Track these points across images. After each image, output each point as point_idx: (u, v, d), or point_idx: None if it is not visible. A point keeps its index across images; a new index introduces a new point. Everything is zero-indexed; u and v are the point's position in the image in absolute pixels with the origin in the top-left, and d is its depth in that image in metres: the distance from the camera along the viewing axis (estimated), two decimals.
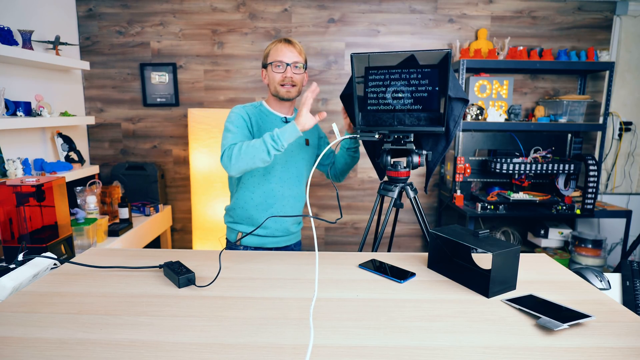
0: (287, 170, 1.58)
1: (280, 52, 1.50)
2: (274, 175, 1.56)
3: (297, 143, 1.60)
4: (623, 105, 3.00)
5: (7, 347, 0.74)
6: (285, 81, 1.51)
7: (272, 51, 1.53)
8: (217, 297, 0.95)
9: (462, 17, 2.85)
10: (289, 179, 1.59)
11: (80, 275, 1.07)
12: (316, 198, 3.03)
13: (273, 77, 1.52)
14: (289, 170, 1.59)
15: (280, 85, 1.52)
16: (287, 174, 1.58)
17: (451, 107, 1.43)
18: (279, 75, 1.51)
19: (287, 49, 1.51)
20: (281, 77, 1.51)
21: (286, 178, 1.58)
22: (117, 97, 2.91)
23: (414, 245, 3.14)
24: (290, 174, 1.59)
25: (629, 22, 2.89)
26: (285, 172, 1.58)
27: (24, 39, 2.10)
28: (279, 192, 1.57)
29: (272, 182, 1.56)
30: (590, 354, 0.73)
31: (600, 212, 2.63)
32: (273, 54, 1.52)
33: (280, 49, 1.51)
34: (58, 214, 1.41)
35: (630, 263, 1.28)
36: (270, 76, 1.54)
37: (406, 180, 1.55)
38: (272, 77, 1.53)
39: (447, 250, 1.14)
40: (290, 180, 1.59)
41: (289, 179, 1.59)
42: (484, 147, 2.76)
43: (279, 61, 1.50)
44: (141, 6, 2.79)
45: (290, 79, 1.51)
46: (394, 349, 0.75)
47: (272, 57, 1.52)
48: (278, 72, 1.51)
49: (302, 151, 1.62)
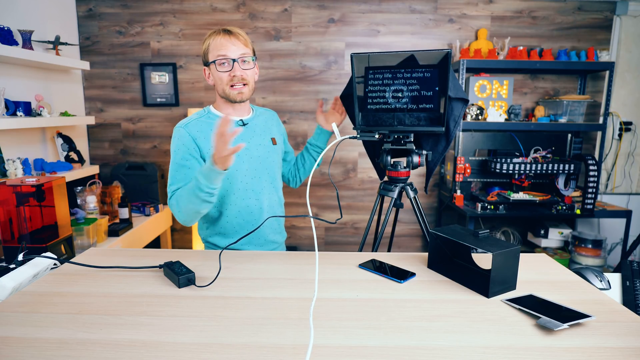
0: (259, 180, 1.39)
1: (222, 46, 1.28)
2: (248, 190, 1.37)
3: (264, 146, 1.41)
4: (623, 105, 3.00)
5: (7, 347, 0.74)
6: (234, 80, 1.29)
7: (211, 46, 1.29)
8: (217, 297, 0.95)
9: (462, 17, 2.85)
10: (262, 190, 1.40)
11: (80, 275, 1.07)
12: (316, 198, 3.03)
13: (219, 77, 1.30)
14: (260, 180, 1.40)
15: (230, 87, 1.31)
16: (260, 185, 1.40)
17: (451, 107, 1.43)
18: (225, 75, 1.29)
19: (228, 41, 1.28)
20: (229, 77, 1.29)
21: (259, 189, 1.39)
22: (117, 97, 2.91)
23: (414, 245, 3.14)
24: (262, 184, 1.40)
25: (629, 22, 2.89)
26: (257, 183, 1.39)
27: (24, 39, 2.10)
28: (255, 206, 1.39)
29: (247, 198, 1.37)
30: (590, 354, 0.73)
31: (600, 212, 2.63)
32: (213, 49, 1.29)
33: (222, 43, 1.28)
34: (58, 214, 1.41)
35: (630, 263, 1.28)
36: (215, 76, 1.31)
37: (406, 180, 1.55)
38: (218, 77, 1.31)
39: (447, 250, 1.14)
40: (265, 191, 1.41)
41: (262, 190, 1.40)
42: (484, 147, 2.76)
43: (222, 57, 1.28)
44: (141, 6, 2.79)
45: (239, 77, 1.29)
46: (394, 349, 0.75)
47: (213, 53, 1.29)
48: (224, 70, 1.29)
49: (271, 153, 1.44)
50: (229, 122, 1.04)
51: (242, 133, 1.39)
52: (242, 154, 1.37)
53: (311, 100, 2.91)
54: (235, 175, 1.35)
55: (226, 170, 1.13)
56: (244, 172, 1.37)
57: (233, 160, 1.12)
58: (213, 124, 1.34)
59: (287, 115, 2.92)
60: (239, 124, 1.39)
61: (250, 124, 1.42)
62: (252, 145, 1.40)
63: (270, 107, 2.83)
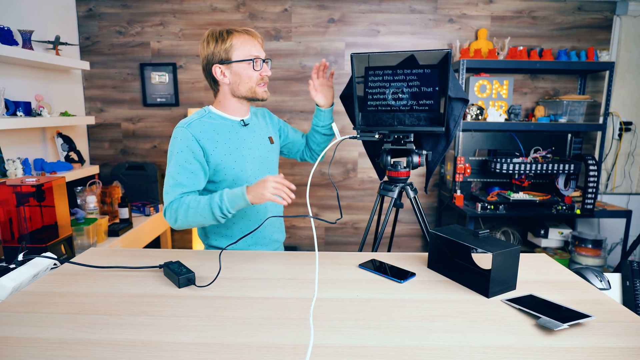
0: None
1: (253, 46, 1.30)
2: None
3: (264, 145, 1.43)
4: (623, 105, 3.00)
5: (7, 347, 0.74)
6: (263, 80, 1.33)
7: (237, 45, 1.29)
8: (217, 297, 0.95)
9: (462, 17, 2.85)
10: None
11: (80, 275, 1.07)
12: (316, 198, 3.03)
13: (249, 76, 1.31)
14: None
15: (258, 85, 1.33)
16: None
17: (451, 107, 1.43)
18: (256, 74, 1.31)
19: (259, 42, 1.33)
20: (259, 76, 1.32)
21: None
22: (117, 97, 2.91)
23: (414, 245, 3.14)
24: None
25: (629, 22, 2.89)
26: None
27: (24, 39, 2.10)
28: (260, 206, 1.40)
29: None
30: (590, 354, 0.73)
31: (600, 212, 2.63)
32: (243, 48, 1.29)
33: (254, 43, 1.31)
34: (58, 214, 1.41)
35: (630, 263, 1.28)
36: (243, 74, 1.31)
37: (406, 180, 1.55)
38: (247, 76, 1.31)
39: (447, 250, 1.14)
40: None
41: None
42: (484, 147, 2.76)
43: (255, 57, 1.30)
44: (141, 6, 2.79)
45: (267, 77, 1.34)
46: (394, 349, 0.75)
47: (242, 51, 1.29)
48: (257, 69, 1.31)
49: (270, 152, 1.46)
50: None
51: (244, 133, 1.39)
52: (246, 155, 1.37)
53: (311, 101, 2.91)
54: (241, 176, 1.35)
55: (252, 204, 1.17)
56: (248, 172, 1.37)
57: (265, 200, 1.15)
58: (215, 124, 1.33)
59: (287, 115, 2.92)
60: (241, 125, 1.38)
61: (251, 124, 1.42)
62: (254, 145, 1.40)
63: (270, 107, 2.83)
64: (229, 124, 1.35)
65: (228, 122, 1.36)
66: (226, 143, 1.32)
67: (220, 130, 1.32)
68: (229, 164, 1.33)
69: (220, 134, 1.32)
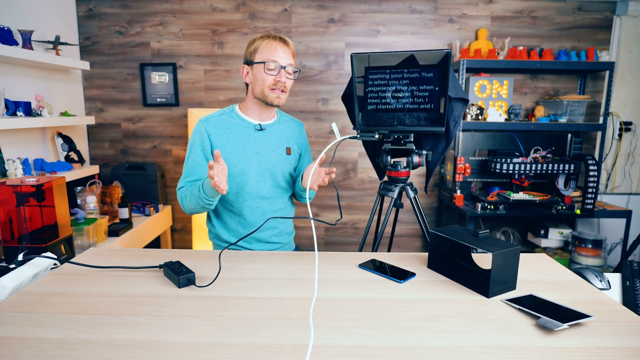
0: (264, 184, 1.43)
1: (274, 50, 1.33)
2: (252, 192, 1.42)
3: (276, 153, 1.44)
4: (623, 105, 3.00)
5: (7, 347, 0.74)
6: (277, 85, 1.35)
7: (263, 47, 1.34)
8: (217, 297, 0.95)
9: (462, 17, 2.85)
10: (267, 194, 1.45)
11: (80, 275, 1.07)
12: (316, 198, 3.03)
13: (263, 79, 1.34)
14: (266, 184, 1.44)
15: (270, 90, 1.35)
16: (265, 189, 1.44)
17: (451, 107, 1.43)
18: (271, 78, 1.34)
19: (282, 48, 1.35)
20: (273, 81, 1.34)
21: (264, 193, 1.44)
22: (117, 97, 2.91)
23: (414, 245, 3.14)
24: (268, 188, 1.44)
25: (629, 22, 2.89)
26: (262, 187, 1.43)
27: (24, 39, 2.10)
28: (258, 209, 1.44)
29: (254, 199, 1.42)
30: (590, 354, 0.73)
31: (600, 212, 2.63)
32: (265, 52, 1.34)
33: (275, 48, 1.34)
34: (58, 214, 1.41)
35: (630, 263, 1.28)
36: (258, 76, 1.35)
37: (406, 180, 1.55)
38: (261, 79, 1.34)
39: (447, 250, 1.14)
40: (269, 195, 1.45)
41: (267, 194, 1.45)
42: (484, 147, 2.76)
43: (273, 61, 1.33)
44: (141, 6, 2.79)
45: (283, 84, 1.35)
46: (394, 349, 0.75)
47: (263, 54, 1.34)
48: (271, 74, 1.33)
49: (282, 162, 1.46)
50: (219, 155, 1.14)
51: (257, 137, 1.42)
52: (251, 157, 1.41)
53: (311, 100, 2.91)
54: (240, 176, 1.40)
55: (224, 194, 1.22)
56: (249, 175, 1.41)
57: (226, 187, 1.18)
58: (232, 123, 1.41)
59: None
60: (257, 129, 1.42)
61: (268, 129, 1.45)
62: (263, 150, 1.43)
63: None
64: (245, 125, 1.42)
65: (244, 123, 1.42)
66: (235, 143, 1.39)
67: (234, 130, 1.40)
68: (232, 162, 1.38)
69: (233, 132, 1.40)
